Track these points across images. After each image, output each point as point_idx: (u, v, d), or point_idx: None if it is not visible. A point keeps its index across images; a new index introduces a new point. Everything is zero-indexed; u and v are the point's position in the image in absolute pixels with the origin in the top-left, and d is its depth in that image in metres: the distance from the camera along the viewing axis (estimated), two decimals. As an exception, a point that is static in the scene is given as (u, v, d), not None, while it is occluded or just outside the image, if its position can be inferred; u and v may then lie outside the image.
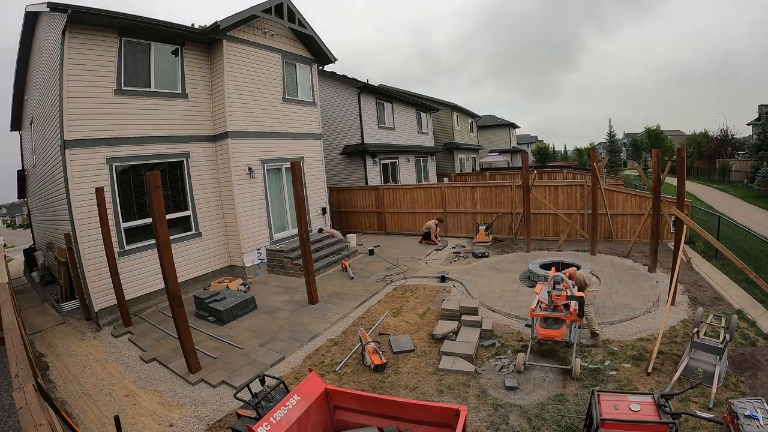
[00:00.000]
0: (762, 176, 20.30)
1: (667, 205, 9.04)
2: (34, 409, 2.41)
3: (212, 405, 4.66)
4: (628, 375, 4.52)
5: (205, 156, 9.27)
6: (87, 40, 7.17)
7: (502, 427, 3.87)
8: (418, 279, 8.65)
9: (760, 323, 5.44)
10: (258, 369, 5.23)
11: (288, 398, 3.17)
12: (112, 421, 4.15)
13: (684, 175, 6.68)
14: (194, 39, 8.85)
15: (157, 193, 4.95)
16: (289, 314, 7.12)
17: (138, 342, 6.45)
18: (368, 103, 15.66)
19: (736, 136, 34.55)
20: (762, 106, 29.07)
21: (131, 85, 7.88)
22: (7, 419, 4.62)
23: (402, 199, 13.50)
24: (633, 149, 54.89)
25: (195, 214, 9.09)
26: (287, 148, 10.81)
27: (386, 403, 3.31)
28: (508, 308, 6.57)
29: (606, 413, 3.09)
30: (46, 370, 5.77)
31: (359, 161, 15.27)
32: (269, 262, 10.02)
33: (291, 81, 11.03)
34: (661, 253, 8.53)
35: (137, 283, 7.84)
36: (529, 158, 19.49)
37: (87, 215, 7.08)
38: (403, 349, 5.48)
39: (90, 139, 7.23)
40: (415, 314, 6.73)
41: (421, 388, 4.62)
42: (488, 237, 11.45)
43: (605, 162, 17.59)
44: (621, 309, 6.17)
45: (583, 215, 10.77)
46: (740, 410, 3.19)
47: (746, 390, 4.09)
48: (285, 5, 10.08)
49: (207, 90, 9.29)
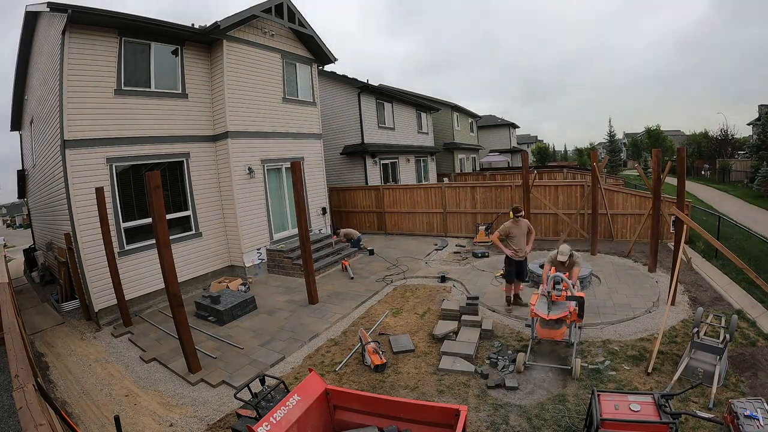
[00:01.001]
0: (762, 176, 20.30)
1: (667, 205, 9.04)
2: (34, 409, 2.40)
3: (212, 405, 4.66)
4: (628, 375, 4.52)
5: (205, 156, 9.27)
6: (87, 40, 7.16)
7: (502, 427, 3.87)
8: (418, 279, 8.65)
9: (760, 323, 5.44)
10: (258, 369, 5.23)
11: (288, 398, 3.17)
12: (112, 421, 4.14)
13: (684, 174, 6.67)
14: (194, 39, 8.84)
15: (157, 193, 4.95)
16: (289, 314, 7.12)
17: (138, 342, 6.45)
18: (368, 103, 15.66)
19: (736, 136, 34.58)
20: (762, 106, 29.09)
21: (131, 85, 7.88)
22: (7, 419, 4.62)
23: (402, 199, 13.49)
24: (633, 149, 54.92)
25: (195, 214, 9.09)
26: (287, 148, 10.81)
27: (386, 403, 3.31)
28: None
29: (606, 413, 3.08)
30: (46, 370, 5.77)
31: (359, 161, 15.27)
32: (269, 262, 10.02)
33: (291, 81, 11.03)
34: (661, 253, 8.53)
35: (137, 283, 7.84)
36: (529, 158, 19.48)
37: (87, 215, 7.08)
38: (403, 349, 5.48)
39: (90, 139, 7.23)
40: (415, 314, 6.72)
41: (421, 388, 4.62)
42: (488, 237, 11.45)
43: (605, 162, 17.60)
44: (621, 309, 6.17)
45: (583, 215, 10.76)
46: (740, 410, 3.19)
47: (746, 390, 4.09)
48: (285, 5, 10.07)
49: (207, 90, 9.29)
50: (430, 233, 13.02)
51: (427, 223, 13.13)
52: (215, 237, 9.51)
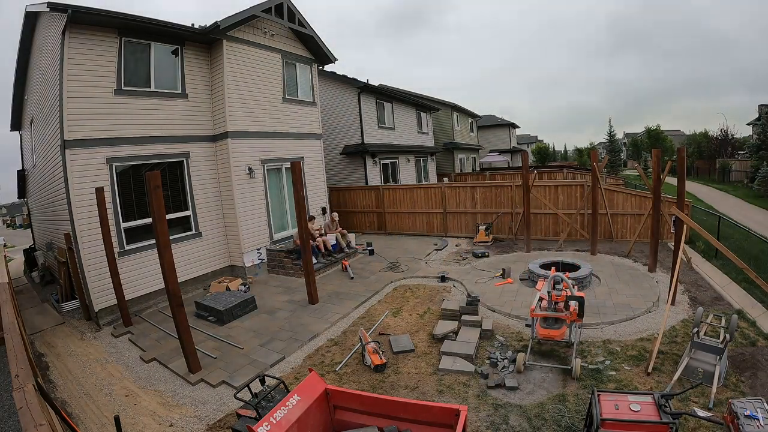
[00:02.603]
0: (762, 176, 20.31)
1: (667, 205, 9.04)
2: (34, 409, 2.40)
3: (212, 405, 4.66)
4: (628, 375, 4.52)
5: (205, 156, 9.27)
6: (87, 40, 7.16)
7: (502, 427, 3.87)
8: (418, 279, 8.65)
9: (760, 323, 5.44)
10: (258, 369, 5.23)
11: (288, 398, 3.17)
12: (112, 421, 4.14)
13: (684, 174, 6.68)
14: (194, 39, 8.84)
15: (157, 193, 4.95)
16: (289, 314, 7.12)
17: (138, 342, 6.45)
18: (368, 103, 15.66)
19: (736, 136, 34.60)
20: (762, 106, 29.08)
21: (131, 85, 7.87)
22: (7, 419, 4.62)
23: (402, 199, 13.49)
24: (633, 149, 54.95)
25: (195, 214, 9.09)
26: (287, 148, 10.81)
27: (386, 403, 3.31)
28: (508, 308, 6.56)
29: (606, 413, 3.08)
30: (46, 370, 5.77)
31: (359, 161, 15.27)
32: (269, 262, 10.02)
33: (291, 81, 11.03)
34: (661, 253, 8.53)
35: (137, 283, 7.84)
36: (529, 158, 19.49)
37: (87, 215, 7.08)
38: (403, 349, 5.48)
39: (90, 139, 7.23)
40: (415, 314, 6.73)
41: (421, 388, 4.62)
42: (488, 237, 11.45)
43: (605, 162, 17.61)
44: (621, 309, 6.17)
45: (583, 215, 10.76)
46: (740, 410, 3.19)
47: (746, 390, 4.08)
48: (285, 5, 10.08)
49: (207, 90, 9.29)
50: (431, 233, 13.02)
51: (427, 223, 13.14)
52: (215, 237, 9.51)
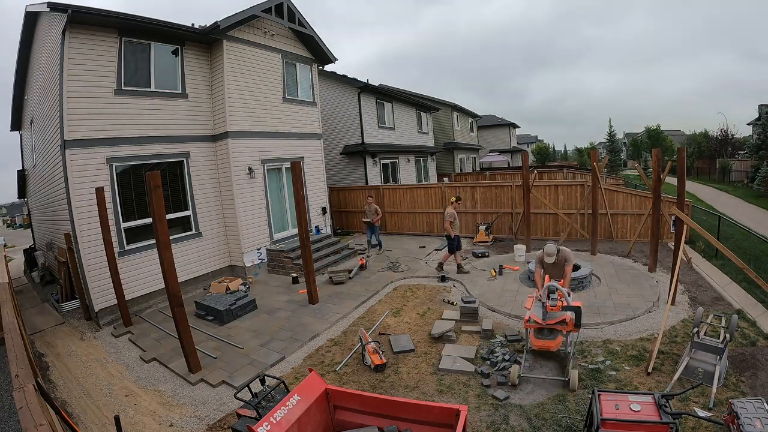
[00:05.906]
0: (762, 176, 20.30)
1: (667, 205, 9.04)
2: (35, 409, 2.41)
3: (212, 405, 4.66)
4: (629, 375, 4.51)
5: (205, 156, 9.27)
6: (87, 40, 7.16)
7: (502, 427, 3.87)
8: (418, 279, 8.65)
9: (760, 323, 5.43)
10: (258, 369, 5.23)
11: (288, 398, 3.17)
12: (112, 421, 4.15)
13: (684, 174, 6.67)
14: (194, 39, 8.84)
15: (157, 193, 4.95)
16: (290, 314, 7.12)
17: (138, 342, 6.45)
18: (368, 103, 15.66)
19: (736, 136, 34.57)
20: (762, 106, 29.03)
21: (131, 85, 7.88)
22: (7, 419, 4.62)
23: (402, 199, 13.49)
24: (633, 149, 54.89)
25: (195, 214, 9.09)
26: (287, 148, 10.81)
27: (386, 403, 3.31)
28: (508, 308, 6.56)
29: (606, 413, 3.08)
30: (47, 370, 5.77)
31: (359, 161, 15.27)
32: (269, 262, 10.02)
33: (291, 81, 11.03)
34: (661, 253, 8.53)
35: (137, 283, 7.84)
36: (529, 158, 19.47)
37: (87, 215, 7.08)
38: (403, 349, 5.48)
39: (90, 139, 7.23)
40: (415, 314, 6.73)
41: (421, 388, 4.62)
42: (488, 237, 11.45)
43: (605, 162, 17.59)
44: (621, 309, 6.17)
45: (583, 215, 10.76)
46: (740, 410, 3.19)
47: (746, 390, 4.08)
48: (285, 5, 10.08)
49: (207, 90, 9.29)
50: (431, 233, 13.02)
51: (427, 223, 13.14)
52: (215, 237, 9.51)
